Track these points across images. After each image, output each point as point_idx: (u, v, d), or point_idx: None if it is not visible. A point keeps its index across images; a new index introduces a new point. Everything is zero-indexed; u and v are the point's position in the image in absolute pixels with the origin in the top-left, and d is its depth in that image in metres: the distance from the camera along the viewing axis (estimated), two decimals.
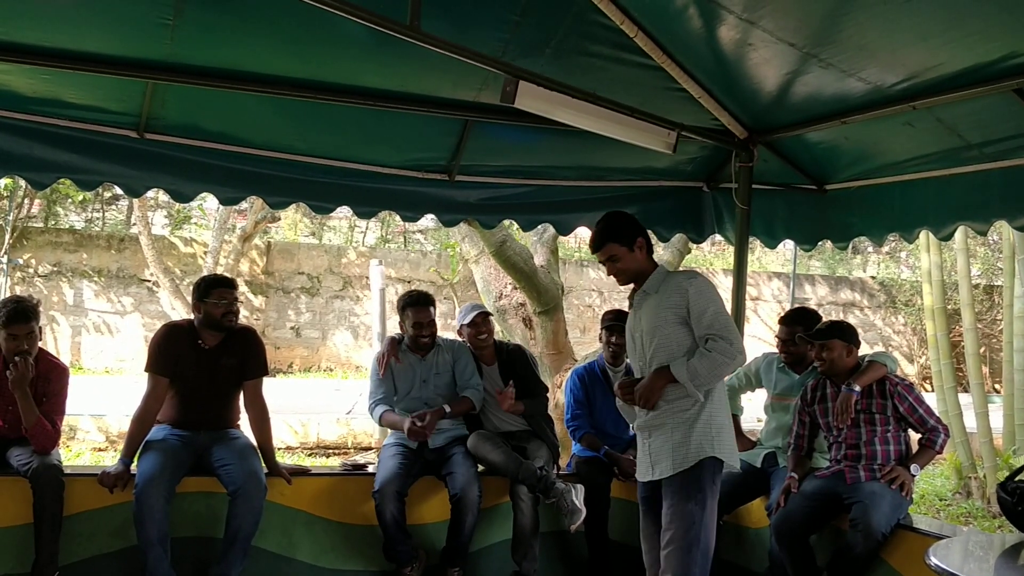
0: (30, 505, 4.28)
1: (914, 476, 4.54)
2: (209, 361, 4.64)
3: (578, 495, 4.87)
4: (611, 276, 4.01)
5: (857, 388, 4.48)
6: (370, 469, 5.14)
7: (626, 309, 6.23)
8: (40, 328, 4.46)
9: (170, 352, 4.63)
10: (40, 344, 4.57)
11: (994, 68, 3.46)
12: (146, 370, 4.66)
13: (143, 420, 4.61)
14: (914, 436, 4.72)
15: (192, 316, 4.76)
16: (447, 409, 4.99)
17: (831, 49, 3.60)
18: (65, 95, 4.20)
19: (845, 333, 4.60)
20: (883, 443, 4.55)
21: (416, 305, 5.05)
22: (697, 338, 3.77)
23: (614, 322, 5.44)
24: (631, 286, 4.04)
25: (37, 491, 4.27)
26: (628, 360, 4.38)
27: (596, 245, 3.94)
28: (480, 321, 5.25)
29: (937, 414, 4.74)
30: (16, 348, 4.32)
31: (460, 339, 5.36)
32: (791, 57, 3.76)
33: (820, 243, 5.51)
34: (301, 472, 5.05)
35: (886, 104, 3.96)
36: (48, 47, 3.77)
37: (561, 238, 9.33)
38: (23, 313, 4.34)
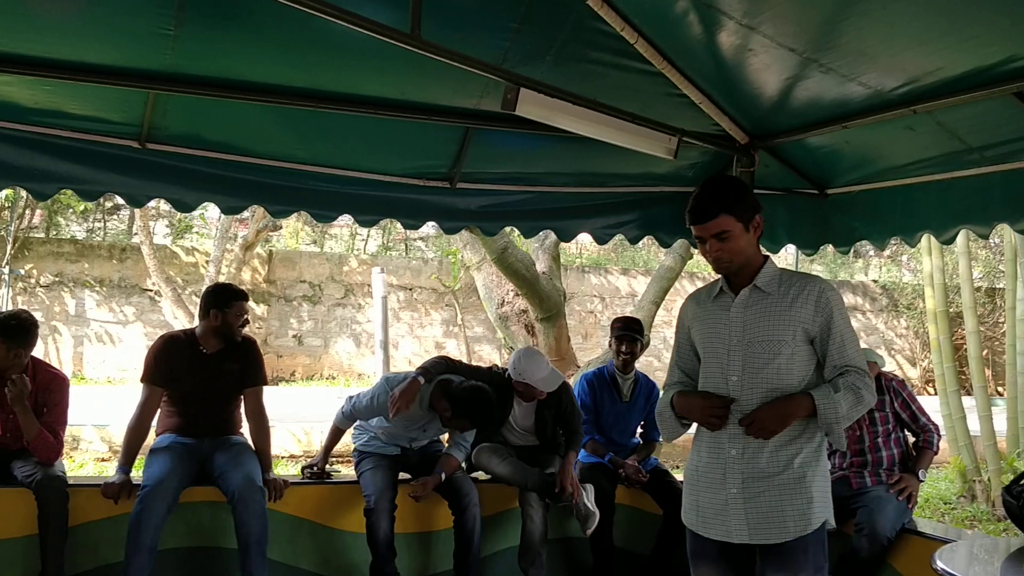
0: (35, 516, 4.29)
1: (922, 481, 4.55)
2: (211, 366, 4.66)
3: (589, 496, 4.86)
4: (710, 257, 3.14)
5: None
6: (334, 478, 5.14)
7: (632, 315, 6.19)
8: (15, 350, 4.42)
9: (167, 363, 4.64)
10: (39, 355, 4.59)
11: (994, 72, 3.46)
12: (141, 380, 4.68)
13: (139, 429, 4.63)
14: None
15: (195, 324, 4.78)
16: (442, 477, 4.89)
17: (831, 54, 3.60)
18: (66, 106, 4.20)
19: None
20: (886, 447, 4.57)
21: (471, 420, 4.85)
22: (829, 367, 3.07)
23: (624, 331, 5.44)
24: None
25: (42, 502, 4.28)
26: (704, 369, 3.24)
27: (704, 214, 3.06)
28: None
29: (928, 414, 4.75)
30: None
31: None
32: (791, 62, 3.76)
33: (822, 247, 5.51)
34: (319, 478, 5.10)
35: (887, 108, 3.96)
36: (49, 58, 3.77)
37: (562, 244, 9.34)
38: None
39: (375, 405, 4.91)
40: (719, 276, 3.25)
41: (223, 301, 4.69)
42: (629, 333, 5.43)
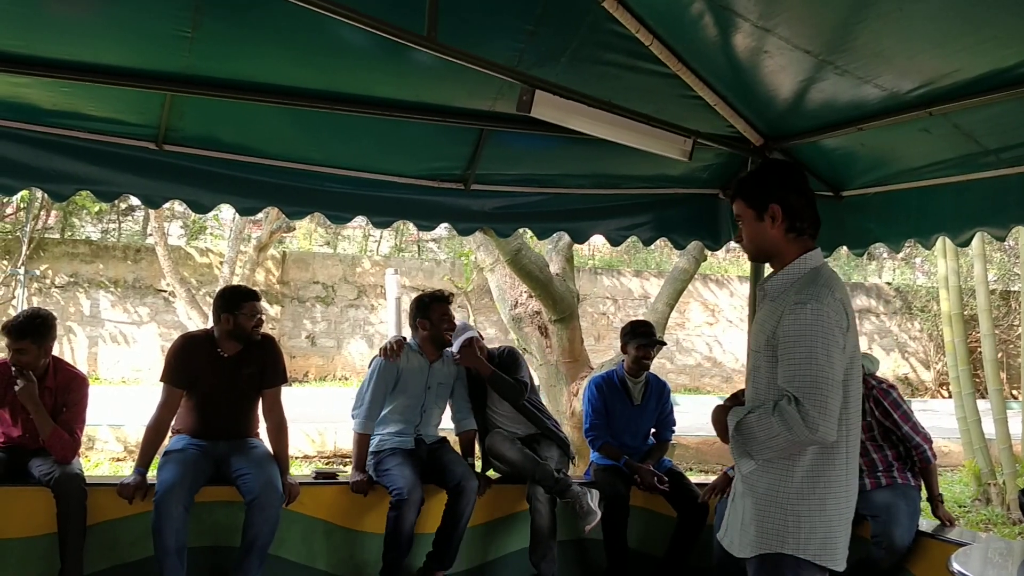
0: (54, 515, 4.31)
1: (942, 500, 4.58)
2: (229, 370, 4.66)
3: (593, 498, 4.88)
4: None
5: None
6: (340, 479, 5.12)
7: (646, 318, 6.19)
8: (44, 347, 4.47)
9: (186, 363, 4.65)
10: (56, 354, 4.62)
11: (1010, 74, 3.45)
12: (161, 380, 4.70)
13: (157, 430, 4.65)
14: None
15: (211, 325, 4.79)
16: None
17: (846, 56, 3.59)
18: (84, 107, 4.22)
19: None
20: (877, 450, 4.55)
21: (443, 302, 5.18)
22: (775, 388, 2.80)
23: (648, 339, 5.41)
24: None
25: (61, 500, 4.31)
26: None
27: (731, 194, 3.02)
28: (473, 342, 5.25)
29: (914, 422, 4.65)
30: (16, 361, 4.42)
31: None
32: (806, 64, 3.75)
33: (837, 249, 5.50)
34: (326, 477, 5.09)
35: (902, 110, 3.95)
36: (67, 60, 3.79)
37: (575, 246, 9.34)
38: (17, 328, 4.40)
39: (378, 377, 5.08)
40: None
41: (232, 304, 4.67)
42: (651, 340, 5.41)
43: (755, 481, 2.84)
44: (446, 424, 5.37)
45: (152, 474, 4.61)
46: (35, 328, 4.43)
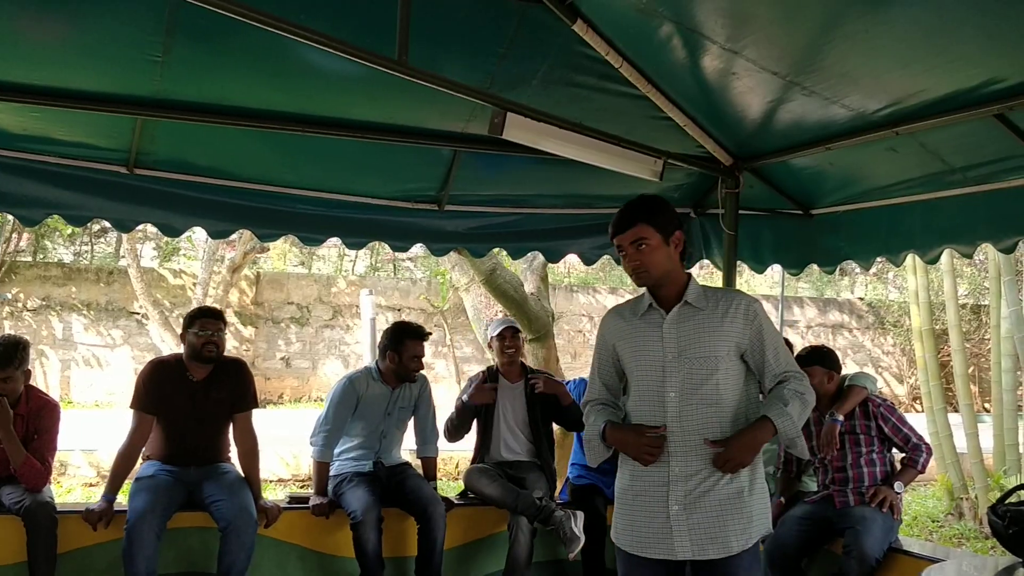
0: (23, 543, 4.26)
1: (899, 494, 4.56)
2: (198, 394, 4.63)
3: (577, 522, 4.86)
4: (629, 268, 3.13)
5: (840, 418, 4.52)
6: (314, 502, 5.01)
7: None
8: (27, 372, 4.43)
9: (156, 388, 4.61)
10: (31, 381, 4.56)
11: (976, 94, 3.50)
12: (131, 407, 4.65)
13: (128, 456, 4.60)
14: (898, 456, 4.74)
15: (181, 348, 4.77)
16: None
17: (814, 77, 3.64)
18: (55, 132, 4.21)
19: (825, 359, 4.64)
20: (869, 464, 4.57)
21: (418, 338, 5.04)
22: (770, 376, 3.12)
23: None
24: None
25: (31, 529, 4.25)
26: (638, 386, 3.20)
27: (622, 223, 3.08)
28: (508, 336, 5.27)
29: (920, 433, 4.74)
30: (2, 390, 4.34)
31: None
32: (774, 85, 3.79)
33: (807, 267, 5.54)
34: (299, 501, 5.03)
35: (869, 130, 4.00)
36: (38, 85, 3.78)
37: (550, 265, 9.36)
38: (4, 357, 4.34)
39: (338, 404, 4.98)
40: (643, 291, 3.24)
41: (187, 323, 4.67)
42: None
43: (742, 479, 3.08)
44: (410, 444, 5.33)
45: (122, 500, 4.56)
46: (19, 355, 4.38)
